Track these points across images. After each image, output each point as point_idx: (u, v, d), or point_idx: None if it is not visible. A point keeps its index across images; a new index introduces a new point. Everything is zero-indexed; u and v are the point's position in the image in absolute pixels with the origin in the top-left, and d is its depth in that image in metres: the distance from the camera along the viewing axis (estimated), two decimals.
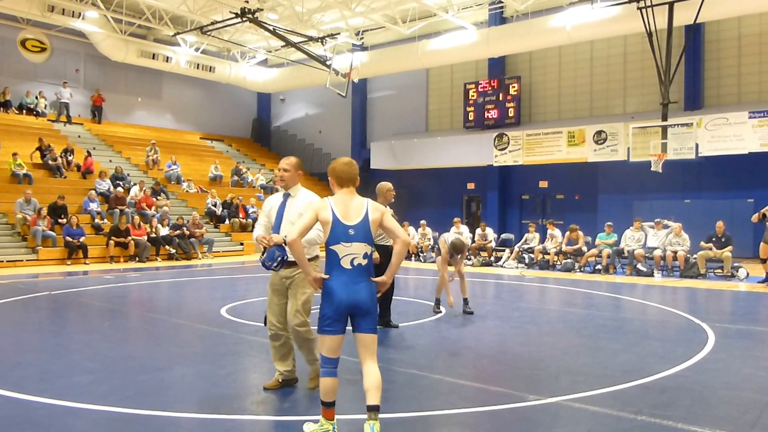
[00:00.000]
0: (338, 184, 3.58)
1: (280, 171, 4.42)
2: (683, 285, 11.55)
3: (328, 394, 3.52)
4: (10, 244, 14.73)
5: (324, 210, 3.47)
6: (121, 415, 3.97)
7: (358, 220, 3.47)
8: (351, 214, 3.48)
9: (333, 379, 3.53)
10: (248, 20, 17.69)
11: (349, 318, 3.53)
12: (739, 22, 17.09)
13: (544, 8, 18.36)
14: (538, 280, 12.42)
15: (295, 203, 4.36)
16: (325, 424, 3.55)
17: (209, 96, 26.88)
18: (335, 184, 3.60)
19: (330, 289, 3.46)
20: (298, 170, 4.44)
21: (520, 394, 4.45)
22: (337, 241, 3.44)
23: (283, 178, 4.41)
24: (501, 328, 7.23)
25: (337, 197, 3.55)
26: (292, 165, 4.42)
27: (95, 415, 3.99)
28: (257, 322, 7.35)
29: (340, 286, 3.44)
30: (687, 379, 4.87)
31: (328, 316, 3.47)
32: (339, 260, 3.45)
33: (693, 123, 15.27)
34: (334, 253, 3.46)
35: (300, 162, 4.52)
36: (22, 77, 21.76)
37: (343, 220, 3.46)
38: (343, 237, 3.43)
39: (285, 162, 4.45)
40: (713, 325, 7.15)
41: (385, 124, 24.72)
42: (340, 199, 3.53)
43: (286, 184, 4.41)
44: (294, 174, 4.42)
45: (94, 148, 21.04)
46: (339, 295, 3.44)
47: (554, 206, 20.53)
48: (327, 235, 3.47)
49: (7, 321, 7.62)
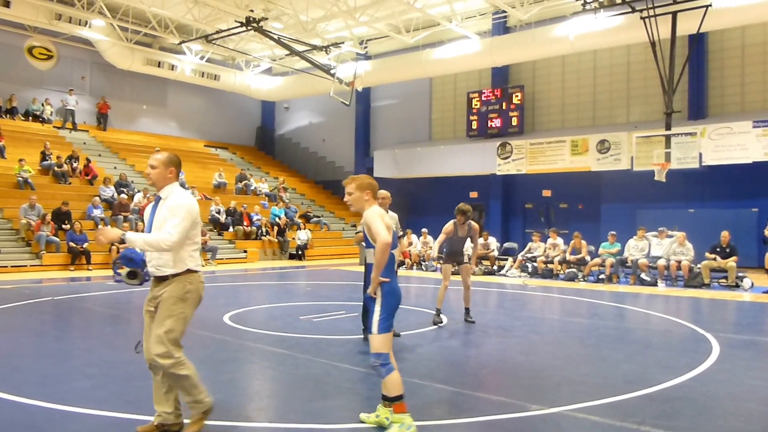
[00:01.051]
0: (374, 198, 3.99)
1: (148, 168, 3.72)
2: (687, 295, 11.48)
3: (401, 386, 3.76)
4: (14, 249, 14.78)
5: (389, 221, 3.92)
6: (121, 420, 3.96)
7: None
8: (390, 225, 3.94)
9: (397, 371, 3.79)
10: (253, 29, 17.83)
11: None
12: (743, 31, 17.12)
13: (548, 18, 18.43)
14: (541, 290, 12.37)
15: (164, 206, 3.65)
16: (407, 418, 3.72)
17: (214, 104, 27.02)
18: (372, 197, 3.98)
19: (396, 288, 3.86)
20: (170, 167, 3.68)
21: (521, 403, 4.42)
22: (395, 247, 3.87)
23: (149, 175, 3.69)
24: (503, 337, 7.20)
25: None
26: (161, 162, 3.65)
27: (95, 419, 3.98)
28: (260, 329, 7.35)
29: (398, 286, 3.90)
30: (691, 390, 4.83)
31: (392, 314, 3.81)
32: (394, 263, 3.87)
33: (697, 132, 15.25)
34: (394, 257, 3.87)
35: (173, 158, 3.73)
36: (28, 84, 21.93)
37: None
38: (396, 245, 3.88)
39: (152, 158, 3.71)
40: (717, 336, 7.10)
41: (388, 133, 24.78)
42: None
43: (154, 183, 3.70)
44: (164, 171, 3.66)
45: (99, 155, 21.18)
46: (401, 293, 3.90)
47: (558, 215, 20.50)
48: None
49: (9, 325, 7.63)
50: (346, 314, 8.39)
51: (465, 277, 8.08)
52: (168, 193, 3.67)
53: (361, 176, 4.05)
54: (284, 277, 15.06)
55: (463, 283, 8.09)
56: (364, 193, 3.94)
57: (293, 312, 8.56)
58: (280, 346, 6.42)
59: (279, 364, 5.73)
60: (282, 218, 20.29)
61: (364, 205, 3.94)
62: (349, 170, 26.04)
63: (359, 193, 3.94)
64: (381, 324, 3.73)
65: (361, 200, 3.95)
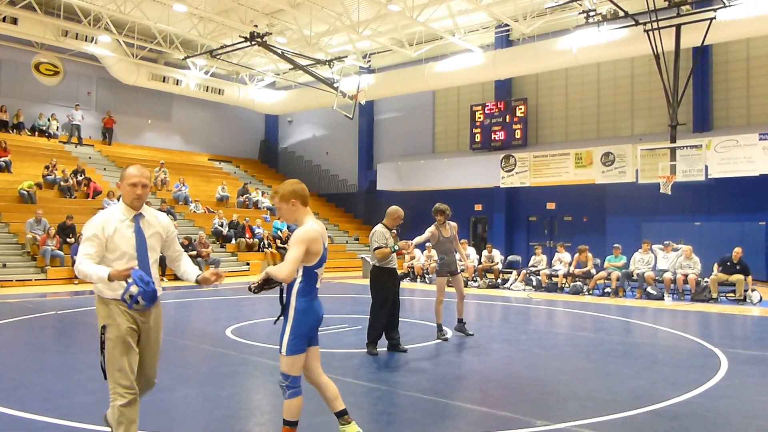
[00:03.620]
0: (303, 204, 3.63)
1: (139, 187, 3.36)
2: (694, 309, 11.37)
3: (299, 412, 3.56)
4: (20, 263, 14.81)
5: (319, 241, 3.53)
6: None
7: (327, 243, 3.68)
8: (325, 236, 3.66)
9: (302, 397, 3.58)
10: (257, 44, 17.98)
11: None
12: (748, 43, 17.13)
13: (551, 31, 18.51)
14: (546, 303, 12.28)
15: (148, 224, 3.43)
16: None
17: (218, 118, 27.20)
18: (300, 204, 3.61)
19: (312, 307, 3.58)
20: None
21: (527, 419, 4.35)
22: (321, 264, 3.58)
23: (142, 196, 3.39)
24: (508, 352, 7.12)
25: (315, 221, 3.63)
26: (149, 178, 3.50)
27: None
28: (262, 343, 7.30)
29: (318, 305, 3.64)
30: (699, 406, 4.75)
31: (304, 335, 3.54)
32: (317, 281, 3.61)
33: (702, 145, 15.21)
34: (317, 275, 3.59)
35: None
36: (35, 100, 22.14)
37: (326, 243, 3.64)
38: (325, 260, 3.60)
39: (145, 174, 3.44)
40: (726, 351, 7.00)
41: (391, 146, 24.84)
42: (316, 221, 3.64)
43: (142, 203, 3.44)
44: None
45: (105, 169, 21.28)
46: (319, 313, 3.63)
47: (562, 228, 20.42)
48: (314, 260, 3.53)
49: (13, 340, 7.61)
50: (349, 327, 8.33)
51: (459, 286, 7.87)
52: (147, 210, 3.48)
53: (283, 185, 3.67)
54: None
55: (459, 293, 7.85)
56: (290, 203, 3.57)
57: None
58: None
59: None
60: (284, 231, 20.29)
61: (296, 216, 3.60)
62: (352, 183, 26.08)
63: (285, 205, 3.59)
64: (289, 345, 3.49)
65: (290, 212, 3.59)
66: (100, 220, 3.33)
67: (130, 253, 3.31)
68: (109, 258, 3.29)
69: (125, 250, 3.31)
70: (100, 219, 3.35)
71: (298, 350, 3.51)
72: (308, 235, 3.46)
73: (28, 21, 18.15)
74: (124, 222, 3.36)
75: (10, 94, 21.42)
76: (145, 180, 3.41)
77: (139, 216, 3.42)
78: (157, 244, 3.48)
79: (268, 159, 29.26)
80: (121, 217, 3.37)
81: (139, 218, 3.41)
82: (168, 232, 3.54)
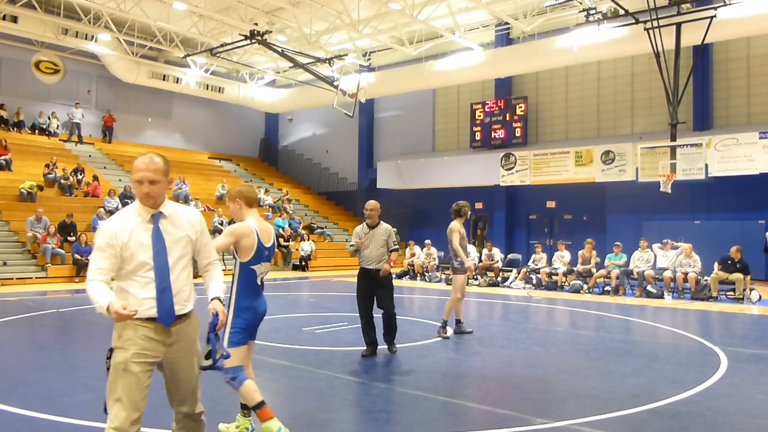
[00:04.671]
0: (248, 205, 3.90)
1: (145, 184, 2.76)
2: (694, 307, 11.38)
3: (258, 392, 3.71)
4: (20, 261, 14.82)
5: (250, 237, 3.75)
6: None
7: (271, 242, 3.89)
8: (265, 236, 3.84)
9: (251, 379, 3.78)
10: (257, 42, 17.97)
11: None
12: (748, 42, 17.11)
13: (551, 29, 18.49)
14: (546, 301, 12.29)
15: (171, 225, 2.83)
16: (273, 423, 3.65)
17: (218, 116, 27.18)
18: (245, 204, 3.89)
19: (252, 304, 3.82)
20: (168, 177, 2.88)
21: (526, 417, 4.36)
22: (257, 262, 3.79)
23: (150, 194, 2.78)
24: (508, 350, 7.13)
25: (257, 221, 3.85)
26: (164, 171, 2.82)
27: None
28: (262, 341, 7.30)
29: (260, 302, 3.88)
30: (699, 405, 4.76)
31: (243, 328, 3.78)
32: (256, 278, 3.83)
33: (702, 143, 15.20)
34: (254, 272, 3.81)
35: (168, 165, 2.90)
36: (35, 98, 22.13)
37: (264, 242, 3.81)
38: (264, 258, 3.82)
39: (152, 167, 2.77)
40: (725, 349, 7.01)
41: (391, 144, 24.83)
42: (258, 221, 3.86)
43: (155, 201, 2.82)
44: (165, 184, 2.83)
45: (105, 167, 21.28)
46: (259, 310, 3.85)
47: (562, 226, 20.42)
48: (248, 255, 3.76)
49: (14, 338, 7.62)
50: (348, 325, 8.34)
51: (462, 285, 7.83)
52: (169, 208, 2.89)
53: (235, 186, 4.10)
54: (287, 288, 15.03)
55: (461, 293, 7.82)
56: (235, 202, 3.88)
57: (296, 323, 8.53)
58: (283, 357, 6.39)
59: (282, 376, 5.70)
60: (286, 229, 20.30)
61: (240, 215, 3.90)
62: (352, 181, 26.08)
63: (232, 204, 3.91)
64: (231, 338, 3.74)
65: (236, 210, 3.91)
66: (113, 226, 2.76)
67: (148, 264, 2.74)
68: (125, 270, 2.75)
69: (143, 259, 2.73)
70: (114, 224, 2.77)
71: (238, 343, 3.76)
72: (238, 229, 3.74)
73: (29, 19, 18.13)
74: (141, 225, 2.77)
75: (10, 93, 21.40)
76: (152, 174, 2.75)
77: (159, 216, 2.81)
78: (185, 250, 2.87)
79: (269, 157, 29.25)
80: (138, 218, 2.78)
81: (158, 219, 2.80)
82: (199, 233, 2.94)
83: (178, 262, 2.82)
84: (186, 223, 2.89)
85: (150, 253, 2.75)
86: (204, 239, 2.99)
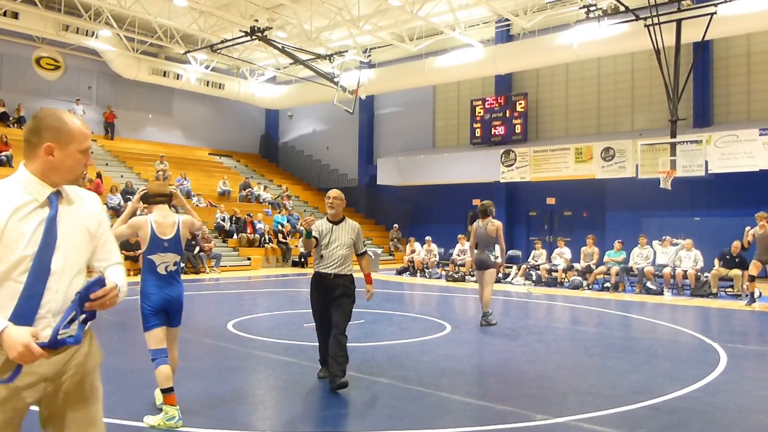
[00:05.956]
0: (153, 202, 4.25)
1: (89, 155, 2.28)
2: (694, 304, 11.41)
3: (167, 380, 3.98)
4: None
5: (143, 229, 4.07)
6: (128, 428, 3.96)
7: (172, 235, 4.13)
8: (164, 229, 4.11)
9: (167, 366, 4.03)
10: (257, 38, 17.95)
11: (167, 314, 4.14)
12: (748, 39, 17.10)
13: (551, 26, 18.48)
14: (546, 298, 12.32)
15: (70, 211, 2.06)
16: (170, 410, 3.93)
17: (218, 112, 27.18)
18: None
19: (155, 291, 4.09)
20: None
21: (526, 413, 4.39)
22: (154, 252, 4.07)
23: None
24: (508, 346, 7.16)
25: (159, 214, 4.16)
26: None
27: None
28: (264, 337, 7.34)
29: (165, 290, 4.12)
30: (698, 401, 4.79)
31: (151, 313, 4.06)
32: (157, 267, 4.08)
33: (702, 140, 15.20)
34: (153, 261, 4.08)
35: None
36: (36, 94, 22.11)
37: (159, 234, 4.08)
38: (161, 249, 4.08)
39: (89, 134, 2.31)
40: (725, 345, 7.04)
41: (392, 141, 24.83)
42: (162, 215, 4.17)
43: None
44: None
45: (107, 164, 21.29)
46: (162, 296, 4.09)
47: (562, 223, 20.44)
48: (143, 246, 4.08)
49: None
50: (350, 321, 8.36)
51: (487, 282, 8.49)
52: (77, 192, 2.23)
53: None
54: (287, 284, 15.07)
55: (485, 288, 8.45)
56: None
57: (297, 319, 8.56)
58: (284, 353, 6.42)
59: (284, 372, 5.73)
60: (285, 225, 20.33)
61: (149, 210, 4.29)
62: (352, 178, 26.09)
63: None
64: (143, 322, 4.09)
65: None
66: None
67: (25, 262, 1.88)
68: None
69: (24, 253, 1.88)
70: None
71: (150, 327, 4.05)
72: (133, 221, 4.11)
73: (29, 15, 18.11)
74: (28, 206, 1.92)
75: (11, 89, 21.40)
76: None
77: (57, 196, 2.00)
78: (84, 246, 2.05)
79: (269, 153, 29.26)
80: (24, 197, 1.93)
81: (56, 199, 1.99)
82: (99, 225, 2.12)
83: (74, 264, 2.01)
84: (85, 211, 2.09)
85: (36, 245, 1.90)
86: (103, 234, 2.14)
